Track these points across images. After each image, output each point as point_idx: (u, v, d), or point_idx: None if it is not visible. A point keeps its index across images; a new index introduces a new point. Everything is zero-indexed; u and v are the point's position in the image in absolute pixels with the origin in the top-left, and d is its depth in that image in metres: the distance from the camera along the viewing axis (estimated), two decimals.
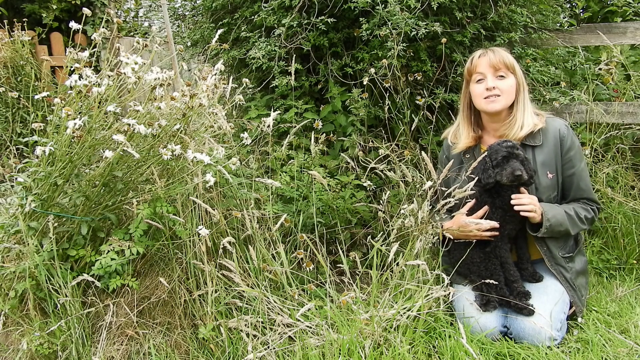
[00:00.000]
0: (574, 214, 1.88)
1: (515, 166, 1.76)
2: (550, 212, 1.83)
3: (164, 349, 1.75)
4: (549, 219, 1.81)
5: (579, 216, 1.89)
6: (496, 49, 1.99)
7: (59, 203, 1.72)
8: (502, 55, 1.94)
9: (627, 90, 2.84)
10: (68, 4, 4.21)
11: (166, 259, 1.90)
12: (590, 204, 1.95)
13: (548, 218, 1.81)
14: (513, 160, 1.78)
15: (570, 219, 1.86)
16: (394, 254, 1.84)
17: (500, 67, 1.92)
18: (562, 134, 1.92)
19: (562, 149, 1.91)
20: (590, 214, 1.93)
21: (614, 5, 3.47)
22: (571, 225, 1.86)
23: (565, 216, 1.85)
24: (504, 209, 1.84)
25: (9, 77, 3.33)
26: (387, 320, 1.71)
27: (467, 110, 2.07)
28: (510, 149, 1.80)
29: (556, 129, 1.93)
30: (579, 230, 1.92)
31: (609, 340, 1.79)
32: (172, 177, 1.86)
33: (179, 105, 1.76)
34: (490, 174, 1.81)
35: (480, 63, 1.96)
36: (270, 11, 2.63)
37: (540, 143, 1.92)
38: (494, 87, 1.92)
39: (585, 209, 1.93)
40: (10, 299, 1.68)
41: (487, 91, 1.92)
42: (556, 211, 1.85)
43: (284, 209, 2.22)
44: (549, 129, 1.93)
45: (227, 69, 2.81)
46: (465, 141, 2.04)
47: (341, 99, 2.63)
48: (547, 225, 1.81)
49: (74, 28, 1.74)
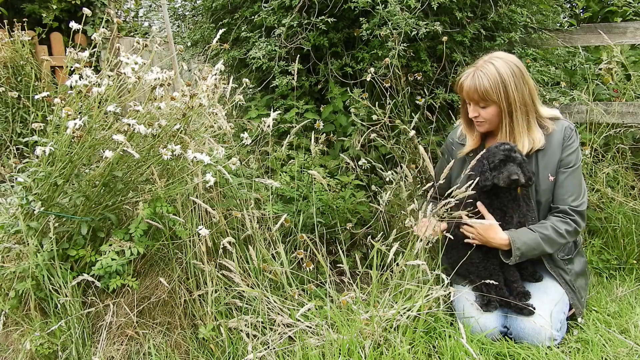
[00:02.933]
0: (552, 232, 1.80)
1: (511, 170, 1.75)
2: (519, 240, 1.76)
3: (164, 349, 1.75)
4: (519, 248, 1.76)
5: (558, 232, 1.80)
6: (478, 74, 1.83)
7: (59, 203, 1.72)
8: (478, 84, 1.81)
9: (627, 90, 2.84)
10: (68, 4, 4.21)
11: (166, 259, 1.90)
12: (571, 213, 1.84)
13: (518, 247, 1.76)
14: (510, 164, 1.76)
15: (546, 240, 1.78)
16: (393, 254, 1.84)
17: (475, 98, 1.85)
18: (565, 134, 1.88)
19: (563, 151, 1.87)
20: (570, 226, 1.82)
21: (614, 5, 3.47)
22: (549, 245, 1.79)
23: (539, 239, 1.78)
24: (502, 210, 1.83)
25: (9, 77, 3.33)
26: (387, 320, 1.71)
27: (466, 117, 2.02)
28: (508, 152, 1.77)
29: (561, 130, 1.88)
30: (560, 246, 1.84)
31: (609, 340, 1.79)
32: (172, 177, 1.86)
33: (179, 105, 1.76)
34: (488, 176, 1.80)
35: (463, 90, 1.89)
36: (270, 11, 2.63)
37: (544, 147, 1.88)
38: (477, 115, 1.89)
39: (565, 222, 1.83)
40: (10, 299, 1.68)
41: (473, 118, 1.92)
42: (528, 237, 1.78)
43: (284, 209, 2.22)
44: (553, 132, 1.89)
45: (227, 69, 2.80)
46: (471, 143, 2.03)
47: (342, 99, 2.63)
48: (518, 254, 1.76)
49: (74, 28, 1.75)
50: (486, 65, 1.83)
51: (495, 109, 1.85)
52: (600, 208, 2.57)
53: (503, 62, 1.83)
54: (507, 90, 1.81)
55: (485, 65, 1.83)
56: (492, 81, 1.80)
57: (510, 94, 1.81)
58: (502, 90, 1.80)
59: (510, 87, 1.80)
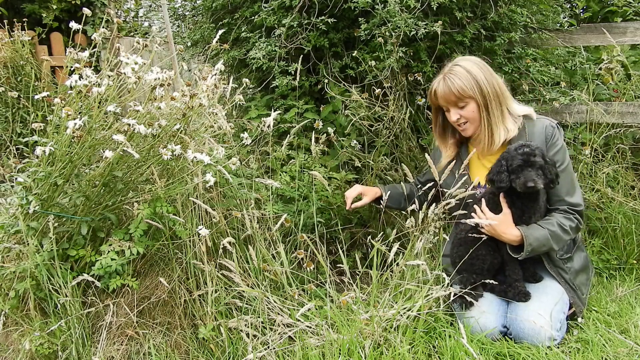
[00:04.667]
0: (558, 228, 1.81)
1: (529, 176, 1.72)
2: (532, 236, 1.78)
3: (164, 349, 1.75)
4: (530, 244, 1.77)
5: (563, 228, 1.82)
6: (450, 74, 1.89)
7: (59, 203, 1.72)
8: (451, 85, 1.88)
9: (627, 90, 2.84)
10: (68, 4, 4.21)
11: (166, 259, 1.90)
12: (571, 211, 1.87)
13: (530, 242, 1.77)
14: (528, 169, 1.73)
15: (554, 236, 1.80)
16: (394, 254, 1.84)
17: (453, 100, 1.89)
18: (547, 133, 1.88)
19: (547, 144, 1.88)
20: (573, 222, 1.85)
21: (614, 5, 3.47)
22: (556, 241, 1.81)
23: (548, 235, 1.80)
24: (522, 210, 1.82)
25: (9, 77, 3.33)
26: (387, 320, 1.71)
27: (440, 129, 2.08)
28: (527, 157, 1.73)
29: (542, 128, 1.89)
30: (564, 243, 1.87)
31: (609, 340, 1.79)
32: (172, 177, 1.86)
33: (179, 105, 1.76)
34: (504, 178, 1.78)
35: (438, 96, 1.94)
36: (270, 11, 2.63)
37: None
38: (459, 117, 1.92)
39: (568, 218, 1.85)
40: (10, 299, 1.68)
41: (456, 122, 1.94)
42: (539, 233, 1.80)
43: (284, 209, 2.22)
44: (535, 131, 1.90)
45: (227, 69, 2.80)
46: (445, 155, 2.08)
47: (341, 99, 2.63)
48: (529, 250, 1.78)
49: (74, 28, 1.75)
50: (454, 68, 1.91)
51: (474, 105, 1.89)
52: (600, 208, 2.57)
53: (468, 62, 1.92)
54: (480, 84, 1.87)
55: (453, 68, 1.91)
56: (463, 79, 1.87)
57: (483, 87, 1.87)
58: (474, 85, 1.87)
59: (481, 81, 1.87)
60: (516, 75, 2.77)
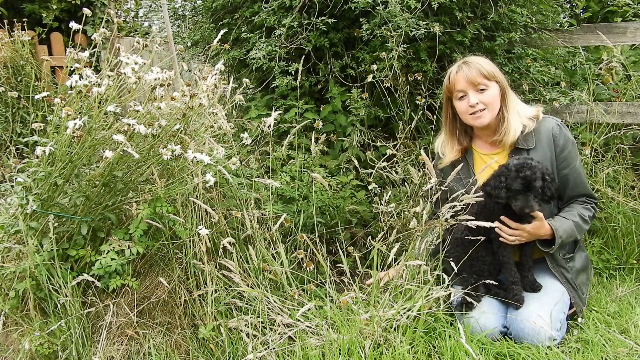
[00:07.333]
0: (580, 219, 1.87)
1: (526, 203, 1.70)
2: (561, 228, 1.82)
3: (164, 349, 1.75)
4: (560, 236, 1.80)
5: (583, 219, 1.89)
6: (471, 60, 1.92)
7: (59, 203, 1.72)
8: (478, 67, 1.88)
9: (627, 90, 2.84)
10: (68, 4, 4.21)
11: (166, 259, 1.90)
12: (588, 201, 1.95)
13: (560, 235, 1.80)
14: (527, 194, 1.71)
15: (577, 227, 1.86)
16: (394, 254, 1.84)
17: (479, 80, 1.87)
18: (554, 133, 1.89)
19: (556, 148, 1.89)
20: (591, 212, 1.93)
21: (614, 5, 3.47)
22: (579, 232, 1.87)
23: (574, 226, 1.85)
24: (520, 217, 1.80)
25: (9, 77, 3.33)
26: (387, 321, 1.71)
27: (450, 125, 2.04)
28: (527, 182, 1.69)
29: (549, 129, 1.90)
30: (584, 232, 1.92)
31: (609, 340, 1.79)
32: (172, 177, 1.86)
33: (179, 105, 1.76)
34: (502, 195, 1.75)
35: (458, 80, 1.90)
36: (270, 11, 2.63)
37: (534, 145, 1.89)
38: (478, 103, 1.88)
39: (586, 208, 1.93)
40: (10, 299, 1.68)
41: (472, 108, 1.89)
42: (566, 225, 1.84)
43: (284, 209, 2.22)
44: (541, 130, 1.90)
45: (227, 69, 2.80)
46: (450, 156, 2.04)
47: (341, 99, 2.63)
48: (560, 242, 1.81)
49: (74, 28, 1.75)
50: (469, 58, 1.95)
51: (496, 89, 1.90)
52: (600, 208, 2.57)
53: (477, 57, 1.97)
54: (496, 73, 1.91)
55: (468, 59, 1.94)
56: (487, 63, 1.92)
57: (499, 76, 1.92)
58: (495, 71, 1.91)
59: (496, 71, 1.92)
60: (516, 75, 2.77)
